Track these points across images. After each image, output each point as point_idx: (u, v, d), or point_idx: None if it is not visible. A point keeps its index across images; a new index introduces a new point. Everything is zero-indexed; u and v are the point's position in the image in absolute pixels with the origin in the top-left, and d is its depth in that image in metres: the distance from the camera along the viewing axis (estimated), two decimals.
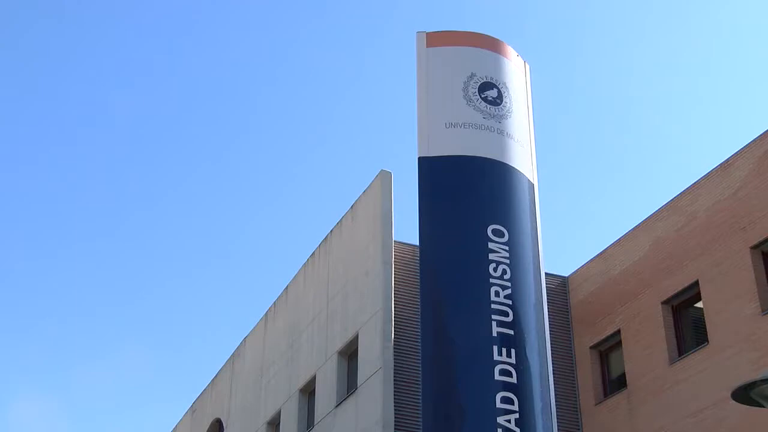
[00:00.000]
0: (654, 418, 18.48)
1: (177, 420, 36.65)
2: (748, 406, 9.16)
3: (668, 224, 19.31)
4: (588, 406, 20.49)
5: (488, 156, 9.31)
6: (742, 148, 18.00)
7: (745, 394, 8.71)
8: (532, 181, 9.86)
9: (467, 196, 8.94)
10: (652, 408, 18.60)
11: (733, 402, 9.24)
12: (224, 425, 30.69)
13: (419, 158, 9.64)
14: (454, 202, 8.97)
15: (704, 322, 17.99)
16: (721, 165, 18.35)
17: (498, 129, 9.60)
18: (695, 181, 18.89)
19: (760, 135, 17.63)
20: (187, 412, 35.32)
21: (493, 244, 8.30)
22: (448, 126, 9.49)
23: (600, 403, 20.28)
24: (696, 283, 18.27)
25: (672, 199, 19.43)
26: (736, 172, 17.92)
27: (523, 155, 9.73)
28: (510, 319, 7.17)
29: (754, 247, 17.22)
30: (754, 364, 15.81)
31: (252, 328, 28.82)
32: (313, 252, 24.70)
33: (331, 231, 23.70)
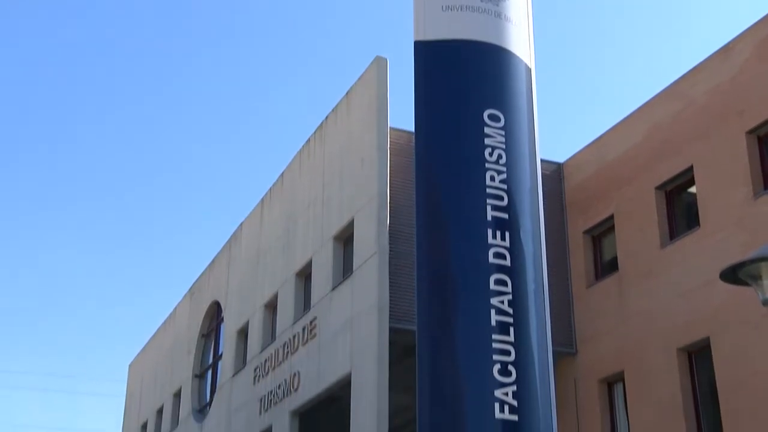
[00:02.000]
0: (643, 300, 18.86)
1: (176, 302, 37.31)
2: (735, 286, 9.38)
3: (665, 109, 19.23)
4: (579, 289, 20.87)
5: (485, 40, 9.18)
6: (742, 32, 17.77)
7: (733, 275, 8.92)
8: (529, 65, 9.77)
9: (463, 80, 8.86)
10: (642, 290, 18.96)
11: (722, 283, 9.44)
12: (222, 307, 31.28)
13: (415, 42, 9.52)
14: (449, 86, 8.89)
15: (697, 206, 18.15)
16: (721, 49, 18.15)
17: (495, 12, 9.45)
18: (694, 65, 18.73)
19: (761, 19, 17.38)
20: (186, 295, 35.93)
21: (489, 128, 8.27)
22: (444, 9, 9.34)
23: (591, 286, 20.65)
24: (690, 168, 18.34)
25: (670, 84, 19.30)
26: (736, 56, 17.74)
27: (520, 38, 9.60)
28: (505, 203, 7.20)
29: (750, 132, 17.22)
30: (744, 247, 16.03)
31: (249, 213, 29.08)
32: (308, 139, 24.67)
33: (326, 118, 23.60)
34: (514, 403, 4.86)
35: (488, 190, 7.31)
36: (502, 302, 4.96)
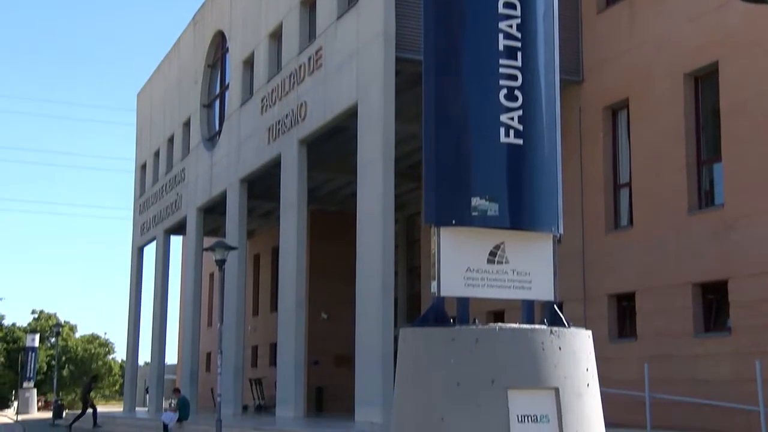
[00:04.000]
0: (653, 25, 18.57)
1: (179, 32, 36.81)
2: (748, 8, 9.18)
3: None
4: (590, 15, 20.49)
5: None
6: None
7: None
8: None
9: None
10: (653, 15, 18.62)
11: (735, 6, 9.24)
12: (227, 37, 30.92)
13: None
14: None
15: None
16: None
17: None
18: None
19: None
20: (189, 24, 35.39)
21: None
22: None
23: (602, 12, 20.26)
24: None
25: None
26: None
27: None
28: None
29: None
30: None
31: None
32: None
33: None
34: (520, 127, 4.93)
35: None
36: (511, 26, 4.88)
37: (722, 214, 16.57)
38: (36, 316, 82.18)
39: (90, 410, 32.45)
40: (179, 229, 35.99)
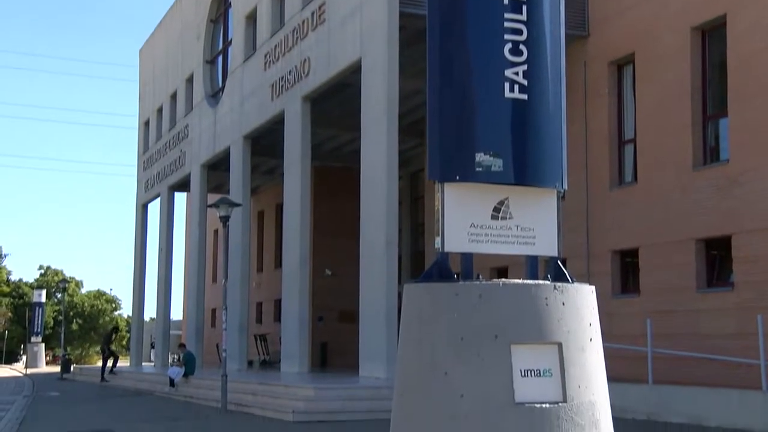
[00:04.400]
0: None
1: None
2: None
3: None
4: None
5: None
6: None
7: None
8: None
9: None
10: None
11: None
12: None
13: None
14: None
15: None
16: None
17: None
18: None
19: None
20: None
21: None
22: None
23: None
24: None
25: None
26: None
27: None
28: None
29: None
30: None
31: None
32: None
33: None
34: (524, 82, 4.89)
35: None
36: None
37: (727, 170, 16.53)
38: (42, 272, 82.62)
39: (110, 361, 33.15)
40: (183, 185, 36.00)
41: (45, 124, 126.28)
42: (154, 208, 39.79)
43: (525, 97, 4.82)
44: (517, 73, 4.81)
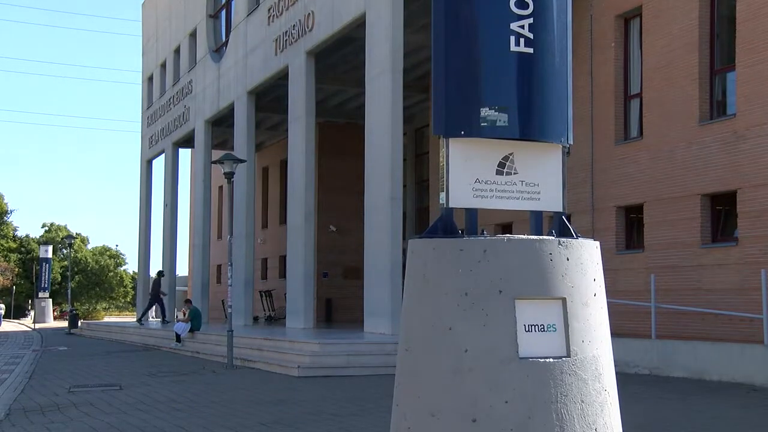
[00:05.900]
0: None
1: None
2: None
3: None
4: None
5: None
6: None
7: None
8: None
9: None
10: None
11: None
12: None
13: None
14: None
15: None
16: None
17: None
18: None
19: None
20: None
21: None
22: None
23: None
24: None
25: None
26: None
27: None
28: None
29: None
30: None
31: None
32: None
33: None
34: (530, 35, 4.83)
35: None
36: None
37: (733, 124, 16.43)
38: (47, 228, 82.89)
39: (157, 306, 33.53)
40: (187, 141, 35.94)
41: (49, 79, 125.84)
42: (159, 164, 39.80)
43: (531, 50, 4.77)
44: (522, 27, 4.75)
